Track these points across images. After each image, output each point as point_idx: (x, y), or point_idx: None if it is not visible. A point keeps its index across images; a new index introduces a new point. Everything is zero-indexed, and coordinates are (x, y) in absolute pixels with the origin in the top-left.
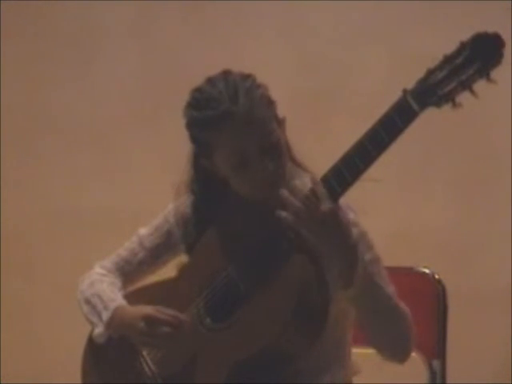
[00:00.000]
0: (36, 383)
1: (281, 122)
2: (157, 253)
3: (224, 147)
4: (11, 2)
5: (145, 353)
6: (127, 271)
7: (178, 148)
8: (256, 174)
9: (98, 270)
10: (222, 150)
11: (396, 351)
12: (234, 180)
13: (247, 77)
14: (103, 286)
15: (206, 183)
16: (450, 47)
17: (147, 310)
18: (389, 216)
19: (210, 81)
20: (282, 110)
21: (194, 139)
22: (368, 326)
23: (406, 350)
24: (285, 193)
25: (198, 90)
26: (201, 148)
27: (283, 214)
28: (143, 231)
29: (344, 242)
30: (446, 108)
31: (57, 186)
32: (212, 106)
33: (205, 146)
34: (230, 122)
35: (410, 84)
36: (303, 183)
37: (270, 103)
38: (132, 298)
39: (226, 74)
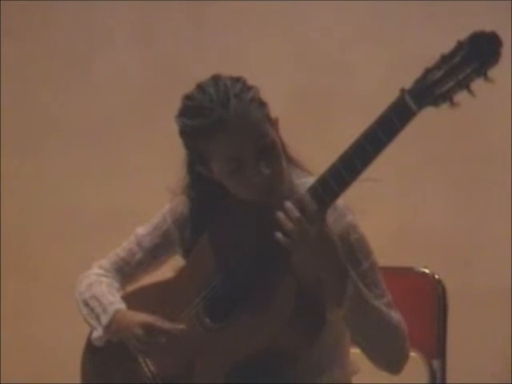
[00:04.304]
0: (36, 383)
1: (274, 123)
2: (155, 253)
3: (219, 154)
4: (11, 1)
5: None
6: (126, 271)
7: (179, 148)
8: (253, 178)
9: (96, 270)
10: (217, 157)
11: (388, 364)
12: (232, 185)
13: (237, 80)
14: (102, 287)
15: (202, 189)
16: (450, 47)
17: (146, 317)
18: (389, 216)
19: (200, 87)
20: (281, 110)
21: (188, 147)
22: (359, 342)
23: (399, 363)
24: (279, 215)
25: (188, 98)
26: (196, 155)
27: (278, 235)
28: (141, 231)
29: (333, 265)
30: (446, 108)
31: (57, 186)
32: (204, 114)
33: (200, 153)
34: (222, 129)
35: (410, 84)
36: (302, 183)
37: (262, 105)
38: (131, 299)
39: (216, 78)
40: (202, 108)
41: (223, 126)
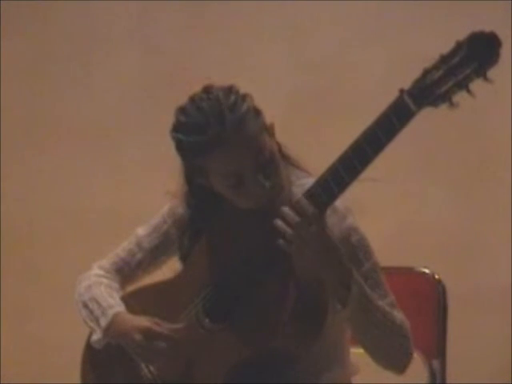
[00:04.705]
0: (36, 383)
1: (270, 129)
2: (155, 253)
3: (218, 170)
4: (11, 1)
5: None
6: (126, 272)
7: None
8: (253, 191)
9: (95, 270)
10: (215, 172)
11: (393, 364)
12: (232, 197)
13: (229, 91)
14: (101, 289)
15: (201, 196)
16: (450, 47)
17: (145, 322)
18: (389, 216)
19: (193, 101)
20: (282, 110)
21: (185, 161)
22: (363, 342)
23: (403, 363)
24: (278, 222)
25: (182, 112)
26: (194, 169)
27: (280, 241)
28: (141, 231)
29: (336, 266)
30: (446, 108)
31: (57, 185)
32: (199, 132)
33: (197, 168)
34: (220, 146)
35: (410, 84)
36: (302, 184)
37: (257, 114)
38: (130, 299)
39: (208, 91)
40: (196, 125)
41: (220, 142)
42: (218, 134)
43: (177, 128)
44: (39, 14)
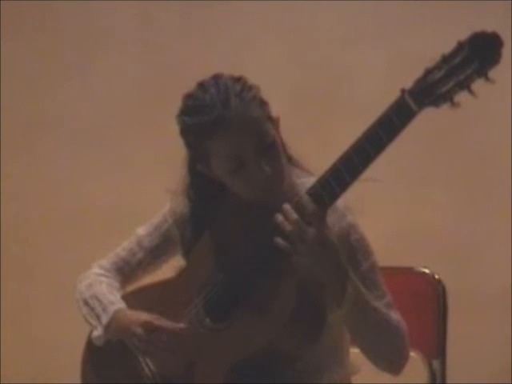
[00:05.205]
0: (36, 383)
1: (275, 122)
2: (156, 253)
3: (220, 152)
4: (11, 1)
5: None
6: (126, 271)
7: (179, 147)
8: (254, 176)
9: (96, 270)
10: (217, 155)
11: (388, 364)
12: (232, 183)
13: (238, 79)
14: (102, 287)
15: (202, 189)
16: (450, 47)
17: (146, 316)
18: (389, 216)
19: (201, 86)
20: (281, 110)
21: (188, 146)
22: (359, 342)
23: (398, 363)
24: (278, 217)
25: (189, 96)
26: (196, 154)
27: (278, 240)
28: (141, 231)
29: (333, 267)
30: (446, 108)
31: (57, 185)
32: (204, 113)
33: (200, 152)
34: (223, 128)
35: (410, 84)
36: (303, 183)
37: (263, 104)
38: (131, 298)
39: (217, 77)
40: (202, 106)
41: (224, 124)
42: (221, 116)
43: (183, 111)
44: (39, 15)
